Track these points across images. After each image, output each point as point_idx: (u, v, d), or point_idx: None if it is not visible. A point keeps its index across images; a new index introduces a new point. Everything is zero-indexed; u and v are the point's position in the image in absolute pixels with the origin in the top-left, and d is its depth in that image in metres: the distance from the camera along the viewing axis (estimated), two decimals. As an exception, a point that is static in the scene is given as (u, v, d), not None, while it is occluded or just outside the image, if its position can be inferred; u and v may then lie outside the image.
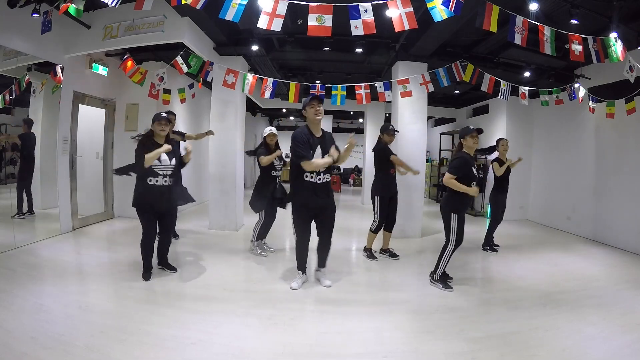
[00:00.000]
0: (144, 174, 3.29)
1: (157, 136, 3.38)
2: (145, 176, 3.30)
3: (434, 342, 2.51)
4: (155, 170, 3.31)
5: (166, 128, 3.38)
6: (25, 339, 2.27)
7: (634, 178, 5.06)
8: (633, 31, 4.17)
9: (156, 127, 3.34)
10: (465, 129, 3.38)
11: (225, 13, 2.87)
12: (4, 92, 4.38)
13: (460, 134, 3.39)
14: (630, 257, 4.79)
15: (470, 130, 3.32)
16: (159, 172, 3.33)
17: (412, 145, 5.53)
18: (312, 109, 3.20)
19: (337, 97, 4.96)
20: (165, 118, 3.39)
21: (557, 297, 3.37)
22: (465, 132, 3.34)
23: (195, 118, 7.98)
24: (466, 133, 3.33)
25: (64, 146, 4.96)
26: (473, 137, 3.31)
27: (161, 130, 3.35)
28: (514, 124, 7.57)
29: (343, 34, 3.87)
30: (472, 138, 3.31)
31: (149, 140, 3.33)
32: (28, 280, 3.25)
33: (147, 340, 2.36)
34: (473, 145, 3.32)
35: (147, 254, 3.47)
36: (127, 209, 6.18)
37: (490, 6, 3.02)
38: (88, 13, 4.65)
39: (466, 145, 3.33)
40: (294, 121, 15.99)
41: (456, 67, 4.78)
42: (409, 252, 4.76)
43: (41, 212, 5.07)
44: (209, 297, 3.11)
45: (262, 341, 2.44)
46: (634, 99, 4.59)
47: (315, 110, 3.20)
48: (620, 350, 2.43)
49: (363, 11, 2.87)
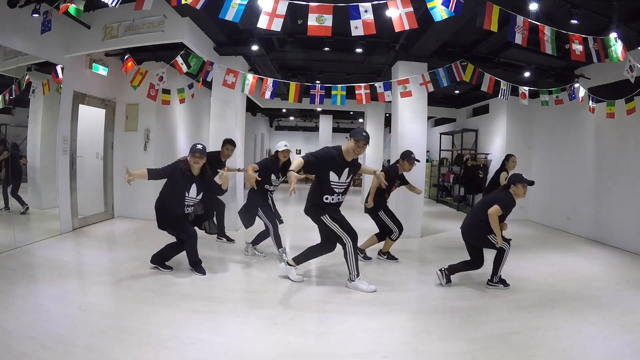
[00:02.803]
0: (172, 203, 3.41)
1: (191, 167, 3.37)
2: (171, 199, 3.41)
3: (434, 342, 2.51)
4: (183, 202, 3.41)
5: (200, 161, 3.35)
6: (25, 339, 2.26)
7: (634, 178, 5.06)
8: (633, 31, 4.17)
9: (190, 159, 3.33)
10: (519, 176, 3.42)
11: (225, 13, 2.87)
12: (4, 92, 4.38)
13: (512, 180, 3.44)
14: (630, 257, 4.79)
15: (525, 180, 3.37)
16: (185, 204, 3.42)
17: (412, 145, 5.50)
18: (357, 145, 3.14)
19: (337, 97, 4.96)
20: (199, 151, 3.34)
21: (557, 297, 3.37)
22: (519, 180, 3.38)
23: (195, 118, 7.98)
24: (519, 181, 3.37)
25: (64, 146, 4.96)
26: (525, 187, 3.37)
27: (194, 162, 3.34)
28: (514, 124, 7.57)
29: (343, 34, 3.86)
30: (524, 188, 3.37)
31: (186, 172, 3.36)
32: (28, 280, 3.25)
33: (147, 340, 2.36)
34: (521, 195, 3.39)
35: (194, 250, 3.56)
36: (127, 209, 6.20)
37: (491, 6, 3.02)
38: (88, 13, 4.64)
39: (515, 192, 3.38)
40: (294, 121, 16.01)
41: (456, 67, 4.78)
42: (409, 252, 4.76)
43: (41, 212, 5.07)
44: (209, 297, 3.11)
45: (262, 341, 2.44)
46: (634, 99, 4.58)
47: (359, 148, 3.16)
48: (620, 350, 2.43)
49: (363, 11, 2.87)
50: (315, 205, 3.27)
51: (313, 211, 3.31)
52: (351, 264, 3.35)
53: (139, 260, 3.99)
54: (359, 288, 3.34)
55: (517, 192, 3.38)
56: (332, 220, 3.26)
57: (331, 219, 3.26)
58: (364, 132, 3.17)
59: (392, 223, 4.22)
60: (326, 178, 3.19)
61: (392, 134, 6.17)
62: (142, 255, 4.14)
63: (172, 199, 3.38)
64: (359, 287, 3.35)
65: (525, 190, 3.38)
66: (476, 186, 8.31)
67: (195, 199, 3.48)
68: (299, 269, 3.58)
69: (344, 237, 3.28)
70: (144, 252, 4.31)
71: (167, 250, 3.62)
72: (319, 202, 3.25)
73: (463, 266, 3.56)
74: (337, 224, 3.27)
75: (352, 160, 3.29)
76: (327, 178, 3.19)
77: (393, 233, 4.25)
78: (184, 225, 3.48)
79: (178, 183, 3.35)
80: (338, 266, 4.02)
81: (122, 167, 6.11)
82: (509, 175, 3.42)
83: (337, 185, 3.25)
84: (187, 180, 3.37)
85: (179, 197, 3.37)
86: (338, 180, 3.24)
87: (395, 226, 4.23)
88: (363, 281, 3.37)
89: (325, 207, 3.26)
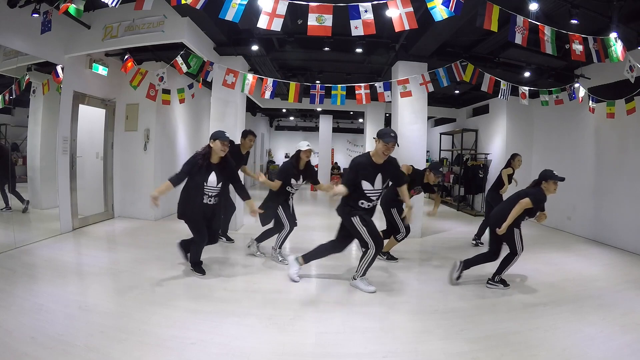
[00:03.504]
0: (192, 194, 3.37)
1: (214, 154, 3.36)
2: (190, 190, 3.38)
3: (434, 342, 2.51)
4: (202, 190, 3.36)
5: (225, 149, 3.34)
6: (25, 339, 2.26)
7: (634, 178, 5.06)
8: (633, 31, 4.17)
9: (219, 145, 3.29)
10: (550, 173, 3.45)
11: (225, 13, 2.87)
12: (4, 92, 4.38)
13: (543, 176, 3.48)
14: (630, 257, 4.79)
15: (556, 177, 3.40)
16: (204, 192, 3.37)
17: (412, 145, 5.53)
18: (385, 147, 3.11)
19: (337, 97, 4.96)
20: (228, 139, 3.35)
21: (557, 297, 3.37)
22: (550, 176, 3.42)
23: (195, 118, 7.98)
24: (550, 177, 3.41)
25: (64, 146, 4.96)
26: (555, 184, 3.43)
27: (222, 150, 3.32)
28: (514, 124, 7.57)
29: (343, 34, 3.87)
30: (554, 184, 3.42)
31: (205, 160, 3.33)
32: (28, 280, 3.25)
33: (147, 340, 2.36)
34: (552, 191, 3.43)
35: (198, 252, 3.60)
36: (127, 209, 6.20)
37: (491, 6, 3.02)
38: (88, 13, 4.65)
39: (546, 188, 3.43)
40: (293, 121, 16.01)
41: (456, 67, 4.78)
42: (409, 252, 4.76)
43: (41, 212, 5.07)
44: (209, 297, 3.11)
45: (262, 341, 2.44)
46: (634, 99, 4.58)
47: (388, 150, 3.14)
48: (620, 350, 2.43)
49: (363, 11, 2.87)
50: (349, 206, 3.25)
51: (345, 211, 3.29)
52: (362, 265, 3.35)
53: (139, 260, 3.99)
54: (359, 287, 3.39)
55: (548, 188, 3.44)
56: (362, 222, 3.23)
57: (361, 221, 3.23)
58: (392, 134, 3.11)
59: (401, 223, 4.22)
60: (359, 187, 3.19)
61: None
62: (142, 255, 4.16)
63: (192, 189, 3.36)
64: (358, 285, 3.40)
65: (556, 186, 3.44)
66: (476, 186, 8.31)
67: (216, 188, 3.42)
68: (303, 269, 3.60)
69: (370, 242, 3.25)
70: (144, 252, 4.33)
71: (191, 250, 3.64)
72: (353, 204, 3.24)
73: (479, 259, 3.63)
74: (366, 227, 3.23)
75: (384, 162, 3.25)
76: (361, 187, 3.19)
77: (400, 233, 4.26)
78: (200, 225, 3.45)
79: (196, 173, 3.33)
80: (338, 267, 4.02)
81: (122, 167, 6.16)
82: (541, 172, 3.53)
83: (371, 192, 3.23)
84: (206, 168, 3.33)
85: (198, 186, 3.34)
86: (372, 188, 3.22)
87: (403, 227, 4.24)
88: (364, 281, 3.40)
89: (358, 209, 3.25)
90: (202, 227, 3.45)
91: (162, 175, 6.32)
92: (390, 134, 3.11)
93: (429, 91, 5.16)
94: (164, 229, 5.60)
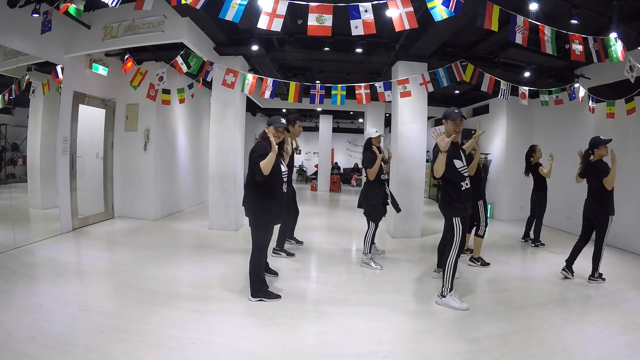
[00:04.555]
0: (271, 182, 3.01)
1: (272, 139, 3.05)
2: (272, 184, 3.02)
3: (434, 342, 2.51)
4: (281, 177, 3.09)
5: (281, 136, 3.13)
6: (25, 339, 2.26)
7: (634, 178, 5.06)
8: (633, 31, 4.17)
9: (272, 131, 3.03)
10: (598, 139, 3.74)
11: (225, 13, 2.87)
12: (4, 92, 4.38)
13: (593, 144, 3.78)
14: (630, 257, 4.79)
15: (603, 140, 3.69)
16: (282, 180, 3.11)
17: (412, 145, 5.53)
18: (455, 124, 3.17)
19: (337, 97, 4.95)
20: (283, 125, 3.11)
21: (557, 297, 3.37)
22: (599, 142, 3.72)
23: (195, 118, 7.99)
24: (600, 143, 3.71)
25: (64, 146, 4.96)
26: (606, 147, 3.69)
27: (276, 137, 3.04)
28: (514, 124, 7.57)
29: (343, 34, 3.87)
30: (605, 148, 3.70)
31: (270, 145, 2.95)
32: (28, 280, 3.25)
33: (147, 340, 2.36)
34: (605, 154, 3.69)
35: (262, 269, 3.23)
36: (127, 209, 6.20)
37: (491, 6, 3.02)
38: (88, 13, 4.65)
39: (599, 154, 3.71)
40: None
41: (456, 67, 4.78)
42: (409, 252, 4.76)
43: (41, 212, 5.07)
44: (209, 297, 3.11)
45: (262, 341, 2.44)
46: (634, 99, 4.58)
47: (458, 126, 3.18)
48: (620, 350, 2.43)
49: (363, 11, 2.87)
50: (453, 201, 3.19)
51: (446, 207, 3.27)
52: (447, 276, 3.11)
53: (139, 260, 3.99)
54: (450, 305, 3.06)
55: (601, 154, 3.68)
56: (461, 225, 3.17)
57: (461, 224, 3.17)
58: (455, 110, 3.22)
59: (485, 216, 4.19)
60: (453, 166, 3.16)
61: (392, 134, 6.16)
62: (142, 255, 4.16)
63: (270, 177, 2.97)
64: (450, 304, 3.06)
65: (607, 149, 3.66)
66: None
67: (287, 171, 3.28)
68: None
69: (455, 244, 3.15)
70: (144, 252, 4.33)
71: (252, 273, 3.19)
72: (456, 197, 3.17)
73: (576, 249, 3.90)
74: (461, 232, 3.18)
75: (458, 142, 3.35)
76: (454, 166, 3.16)
77: (480, 228, 4.19)
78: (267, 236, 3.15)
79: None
80: (338, 266, 4.02)
81: (122, 167, 6.16)
82: (590, 141, 3.79)
83: (463, 169, 3.23)
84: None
85: (277, 173, 3.06)
86: (463, 164, 3.24)
87: (483, 220, 4.21)
88: (455, 297, 3.10)
89: (460, 202, 3.17)
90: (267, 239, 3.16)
91: (162, 175, 6.33)
92: (455, 110, 3.22)
93: (429, 91, 5.15)
94: (164, 229, 5.61)
